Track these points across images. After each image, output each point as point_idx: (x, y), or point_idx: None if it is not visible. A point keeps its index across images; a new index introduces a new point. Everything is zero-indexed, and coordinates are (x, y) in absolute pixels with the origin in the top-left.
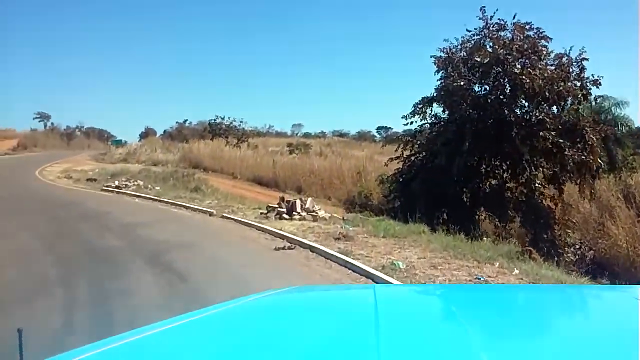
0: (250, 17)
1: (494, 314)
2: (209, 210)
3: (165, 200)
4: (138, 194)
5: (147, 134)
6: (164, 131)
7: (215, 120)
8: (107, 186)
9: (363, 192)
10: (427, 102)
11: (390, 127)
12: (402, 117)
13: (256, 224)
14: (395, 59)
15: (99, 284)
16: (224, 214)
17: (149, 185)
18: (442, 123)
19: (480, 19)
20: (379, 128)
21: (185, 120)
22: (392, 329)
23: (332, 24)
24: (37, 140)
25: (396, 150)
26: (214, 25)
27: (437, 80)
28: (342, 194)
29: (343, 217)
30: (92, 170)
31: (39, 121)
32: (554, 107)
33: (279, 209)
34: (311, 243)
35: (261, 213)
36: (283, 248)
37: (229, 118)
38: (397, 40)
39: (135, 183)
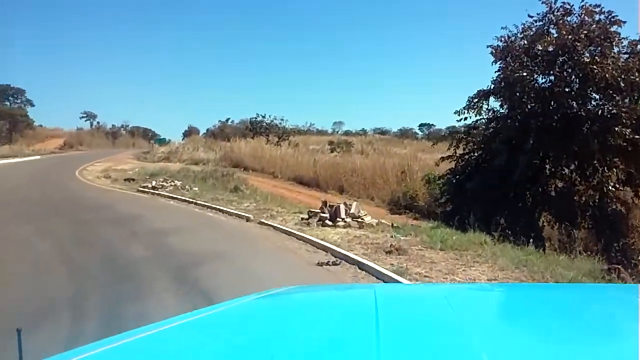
0: (293, 15)
1: (494, 312)
2: (246, 215)
3: (201, 202)
4: (174, 195)
5: (190, 132)
6: (207, 130)
7: (256, 118)
8: (143, 187)
9: (408, 193)
10: (484, 95)
11: (432, 124)
12: (455, 113)
13: (297, 232)
14: (437, 54)
15: (112, 307)
16: (262, 220)
17: (187, 186)
18: (501, 118)
19: (543, 2)
20: (421, 125)
21: (228, 119)
22: (392, 329)
23: (374, 23)
24: (83, 139)
25: (448, 149)
26: (257, 24)
27: (495, 72)
28: (386, 194)
29: (393, 225)
30: (132, 170)
31: (85, 120)
32: (628, 100)
33: (321, 214)
34: (359, 258)
35: (302, 219)
36: (327, 263)
37: (269, 116)
38: (438, 36)
39: (173, 183)
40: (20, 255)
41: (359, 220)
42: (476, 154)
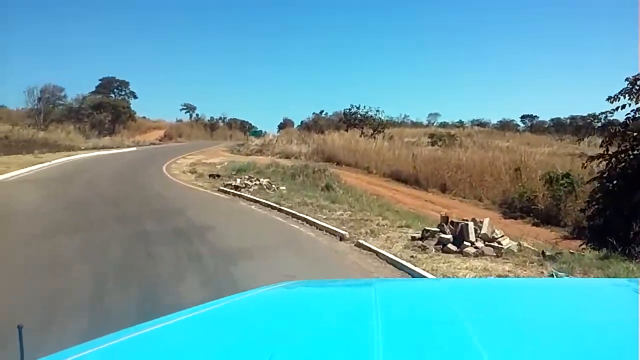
0: (388, 9)
1: (494, 308)
2: (339, 230)
3: (286, 208)
4: (257, 198)
5: (285, 124)
6: (301, 122)
7: (350, 109)
8: (226, 185)
9: (525, 194)
10: None
11: (535, 116)
12: (607, 100)
13: (409, 264)
14: (543, 41)
15: None
16: (360, 240)
17: (274, 185)
18: None
19: None
20: (523, 117)
21: (322, 111)
22: (392, 324)
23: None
24: (182, 130)
25: (601, 146)
26: (351, 16)
27: None
28: (496, 194)
29: (543, 253)
30: (221, 164)
31: (185, 112)
32: None
33: (441, 235)
34: None
35: (413, 238)
36: None
37: (364, 107)
38: (546, 22)
39: (258, 182)
40: (36, 288)
41: (495, 245)
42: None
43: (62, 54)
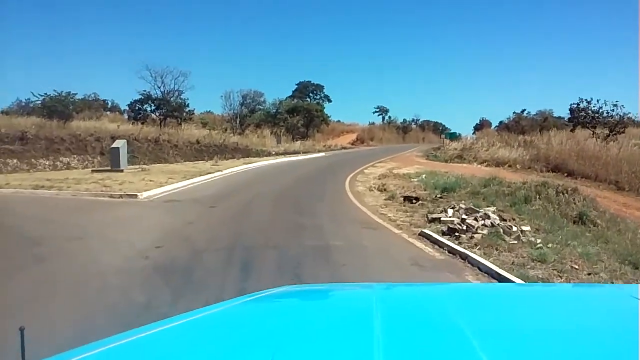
0: None
1: (493, 313)
2: None
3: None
4: (496, 265)
5: (481, 125)
6: (499, 122)
7: (577, 104)
8: (432, 221)
9: None
10: None
11: None
12: None
13: None
14: None
15: None
16: None
17: (511, 223)
18: None
19: None
20: None
21: (523, 110)
22: (392, 329)
23: None
24: (374, 133)
25: None
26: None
27: None
28: None
29: None
30: (418, 176)
31: (378, 115)
32: None
33: None
34: None
35: None
36: None
37: (597, 102)
38: None
39: (483, 218)
40: None
41: None
42: None
43: (263, 60)
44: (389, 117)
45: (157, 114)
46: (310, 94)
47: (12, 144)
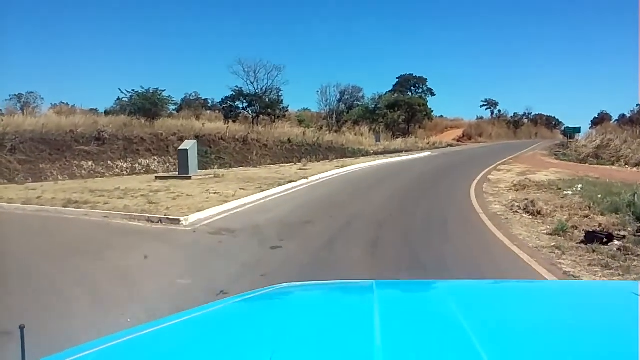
0: None
1: (494, 309)
2: None
3: None
4: None
5: (601, 119)
6: (620, 116)
7: None
8: None
9: None
10: None
11: None
12: None
13: None
14: None
15: None
16: None
17: None
18: None
19: None
20: None
21: None
22: (392, 325)
23: None
24: (483, 129)
25: None
26: None
27: None
28: None
29: None
30: (567, 185)
31: (486, 109)
32: None
33: None
34: None
35: None
36: None
37: None
38: None
39: None
40: None
41: None
42: None
43: (361, 54)
44: (499, 110)
45: (250, 111)
46: (412, 88)
47: (88, 145)
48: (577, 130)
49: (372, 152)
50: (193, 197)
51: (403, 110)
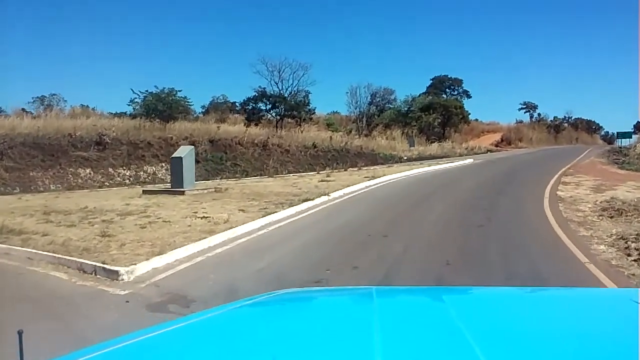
0: None
1: (494, 316)
2: None
3: None
4: None
5: None
6: None
7: None
8: None
9: None
10: None
11: None
12: None
13: None
14: None
15: None
16: None
17: None
18: None
19: None
20: None
21: None
22: (391, 332)
23: None
24: (523, 133)
25: None
26: None
27: None
28: None
29: None
30: None
31: (525, 112)
32: None
33: None
34: None
35: None
36: None
37: None
38: None
39: None
40: None
41: None
42: None
43: (394, 54)
44: (538, 114)
45: (273, 114)
46: (447, 90)
47: (87, 150)
48: (629, 135)
49: (405, 158)
50: (170, 224)
51: (438, 113)
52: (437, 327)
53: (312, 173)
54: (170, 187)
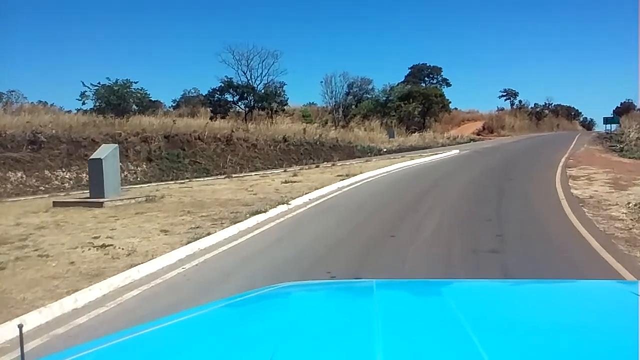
0: None
1: (494, 309)
2: None
3: None
4: None
5: (626, 108)
6: None
7: None
8: None
9: None
10: None
11: None
12: None
13: None
14: None
15: None
16: None
17: None
18: None
19: None
20: None
21: None
22: (392, 325)
23: None
24: (504, 121)
25: None
26: None
27: None
28: None
29: None
30: None
31: (505, 99)
32: None
33: None
34: None
35: None
36: None
37: None
38: None
39: None
40: None
41: None
42: None
43: (371, 41)
44: (519, 101)
45: (241, 105)
46: (426, 78)
47: (18, 151)
48: (616, 120)
49: (385, 150)
50: (47, 260)
51: (418, 102)
52: (438, 319)
53: (278, 171)
54: (89, 195)
